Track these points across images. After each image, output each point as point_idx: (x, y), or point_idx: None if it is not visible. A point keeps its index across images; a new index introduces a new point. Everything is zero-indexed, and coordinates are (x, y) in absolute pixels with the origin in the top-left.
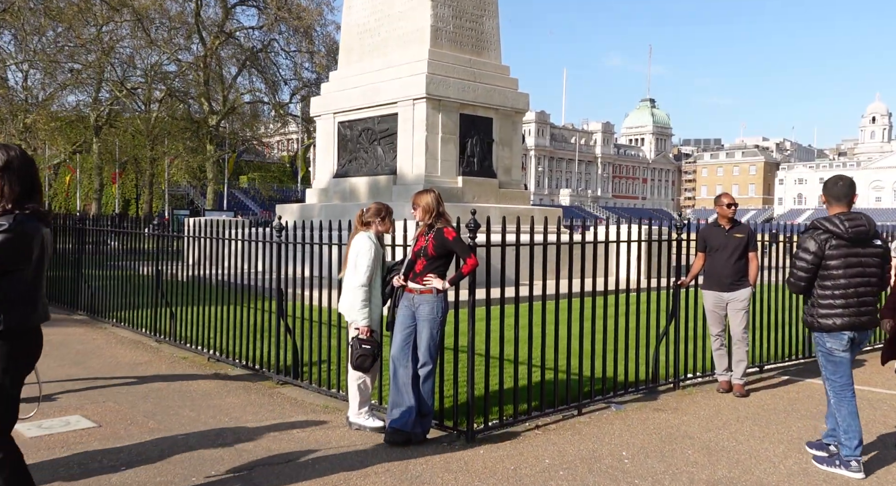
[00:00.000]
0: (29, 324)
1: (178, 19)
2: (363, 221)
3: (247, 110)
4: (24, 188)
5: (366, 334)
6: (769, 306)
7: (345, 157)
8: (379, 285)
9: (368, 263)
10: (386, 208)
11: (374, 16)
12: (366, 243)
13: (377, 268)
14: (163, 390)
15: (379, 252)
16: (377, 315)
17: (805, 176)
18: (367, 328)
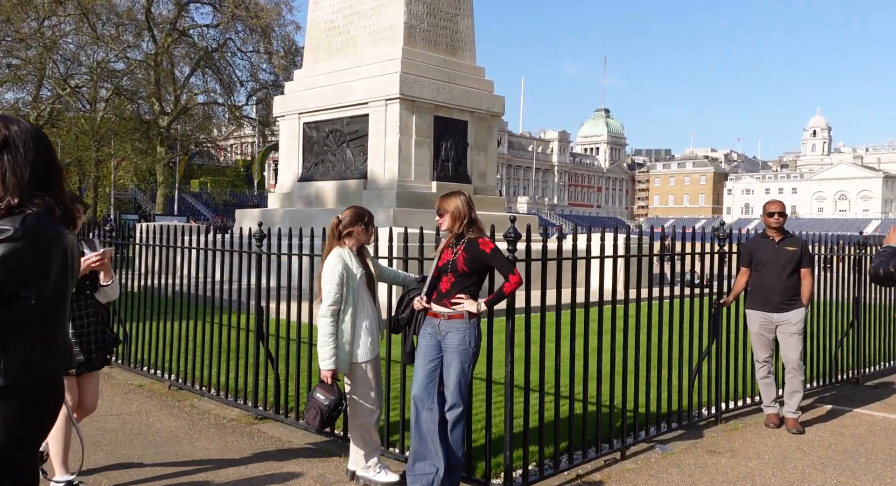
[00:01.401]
0: (41, 374)
1: (126, 16)
2: (339, 232)
3: (198, 112)
4: (35, 175)
5: (327, 380)
6: None
7: (310, 159)
8: (350, 317)
9: (331, 287)
10: (367, 213)
11: (341, 13)
12: (333, 263)
13: (350, 293)
14: (118, 432)
15: (352, 272)
16: (346, 356)
17: (752, 187)
18: (329, 372)
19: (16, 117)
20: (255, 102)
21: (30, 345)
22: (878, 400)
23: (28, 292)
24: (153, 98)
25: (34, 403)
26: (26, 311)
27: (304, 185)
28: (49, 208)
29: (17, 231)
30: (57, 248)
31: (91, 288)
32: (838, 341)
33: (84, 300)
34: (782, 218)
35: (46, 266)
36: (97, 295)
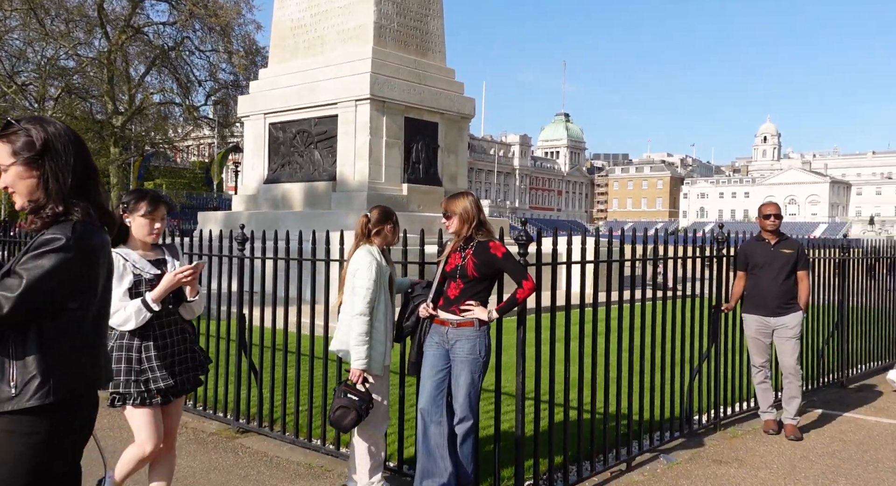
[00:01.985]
0: (85, 389)
1: (77, 11)
2: (368, 230)
3: (153, 112)
4: (76, 179)
5: (357, 380)
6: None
7: (277, 161)
8: (384, 316)
9: (369, 284)
10: (394, 213)
11: (309, 11)
12: (367, 260)
13: (381, 292)
14: (90, 450)
15: (383, 271)
16: (379, 356)
17: (706, 191)
18: (361, 372)
19: (49, 117)
20: (213, 103)
21: (77, 359)
22: (866, 404)
23: (76, 304)
24: (106, 97)
25: (77, 417)
26: (74, 323)
27: (270, 187)
28: (91, 215)
29: (68, 240)
30: (103, 257)
31: (174, 303)
32: (822, 344)
33: (167, 317)
34: (779, 220)
35: (94, 277)
36: (181, 310)
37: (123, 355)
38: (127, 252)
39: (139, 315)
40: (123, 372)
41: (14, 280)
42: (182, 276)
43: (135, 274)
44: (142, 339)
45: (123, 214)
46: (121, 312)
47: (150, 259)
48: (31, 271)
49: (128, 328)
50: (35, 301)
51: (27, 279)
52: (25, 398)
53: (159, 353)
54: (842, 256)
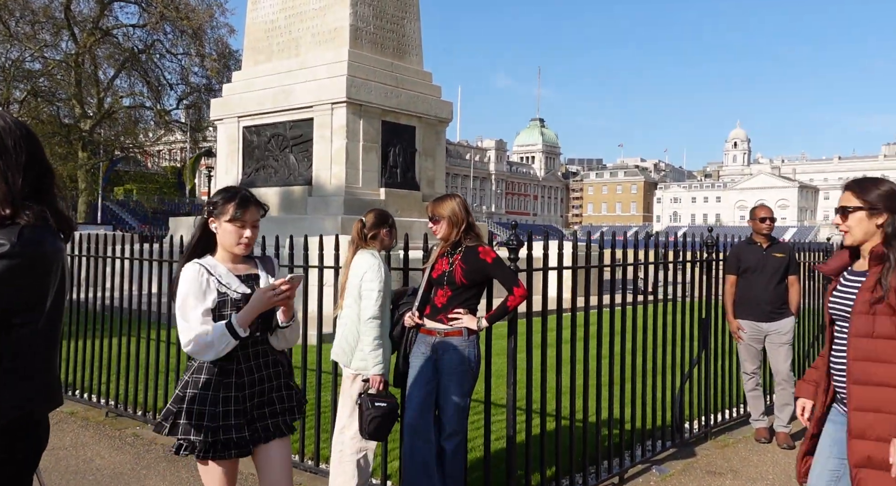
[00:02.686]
0: (36, 410)
1: (43, 13)
2: (365, 234)
3: (122, 116)
4: (28, 180)
5: (379, 387)
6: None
7: (251, 165)
8: (388, 320)
9: (379, 287)
10: (391, 216)
11: (283, 13)
12: (373, 263)
13: (388, 296)
14: (51, 472)
15: (389, 274)
16: (388, 361)
17: (679, 195)
18: (381, 378)
19: (2, 111)
20: (185, 107)
21: (23, 382)
22: None
23: (21, 319)
24: (74, 100)
25: (22, 446)
26: (19, 341)
27: None
28: (45, 219)
29: (13, 246)
30: (56, 266)
31: (263, 328)
32: (808, 348)
33: (255, 346)
34: (773, 223)
35: (44, 288)
36: (272, 339)
37: (198, 394)
38: (213, 264)
39: (222, 343)
40: (195, 415)
41: None
42: (274, 295)
43: (219, 292)
44: (223, 373)
45: (209, 218)
46: (200, 338)
47: (238, 274)
48: None
49: (207, 358)
50: None
51: None
52: None
53: (243, 392)
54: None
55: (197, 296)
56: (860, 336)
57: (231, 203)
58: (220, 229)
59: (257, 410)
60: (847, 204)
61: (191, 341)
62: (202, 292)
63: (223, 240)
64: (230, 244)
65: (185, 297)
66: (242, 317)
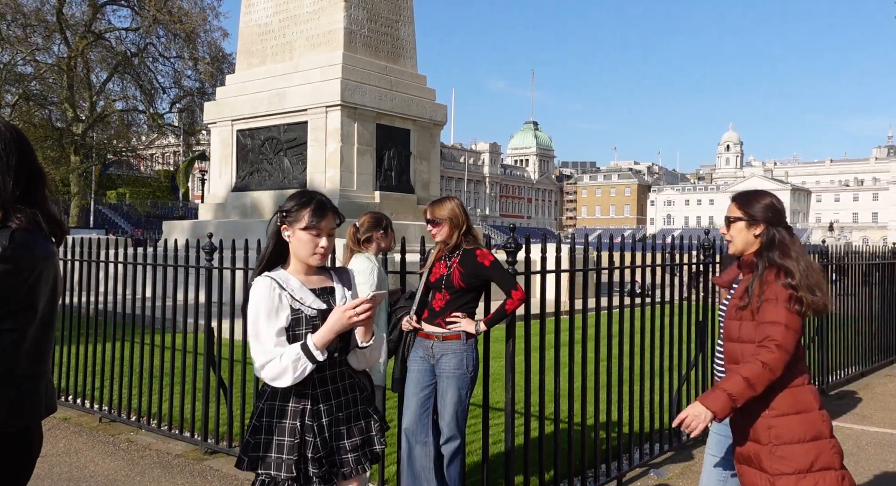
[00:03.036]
0: (26, 420)
1: (35, 16)
2: (358, 238)
3: (115, 119)
4: (19, 183)
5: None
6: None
7: (245, 168)
8: (383, 324)
9: (369, 291)
10: (385, 218)
11: (277, 16)
12: (366, 266)
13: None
14: (44, 479)
15: (384, 278)
16: (381, 366)
17: (673, 198)
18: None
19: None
20: (178, 110)
21: (13, 389)
22: (849, 411)
23: (11, 324)
24: (66, 104)
25: (17, 453)
26: (9, 347)
27: (239, 195)
28: (37, 223)
29: (4, 250)
30: (47, 270)
31: (341, 349)
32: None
33: (333, 368)
34: None
35: (35, 292)
36: (351, 359)
37: (275, 423)
38: (285, 278)
39: (298, 367)
40: (274, 447)
41: None
42: (354, 314)
43: (293, 309)
44: (299, 399)
45: (282, 225)
46: (275, 362)
47: (313, 288)
48: None
49: (283, 385)
50: None
51: None
52: None
53: (321, 421)
54: (822, 262)
55: (269, 314)
56: (730, 340)
57: (306, 209)
58: (294, 238)
59: (336, 441)
60: (730, 215)
61: (264, 365)
62: (274, 309)
63: (297, 250)
64: (305, 255)
65: (256, 315)
66: (319, 338)
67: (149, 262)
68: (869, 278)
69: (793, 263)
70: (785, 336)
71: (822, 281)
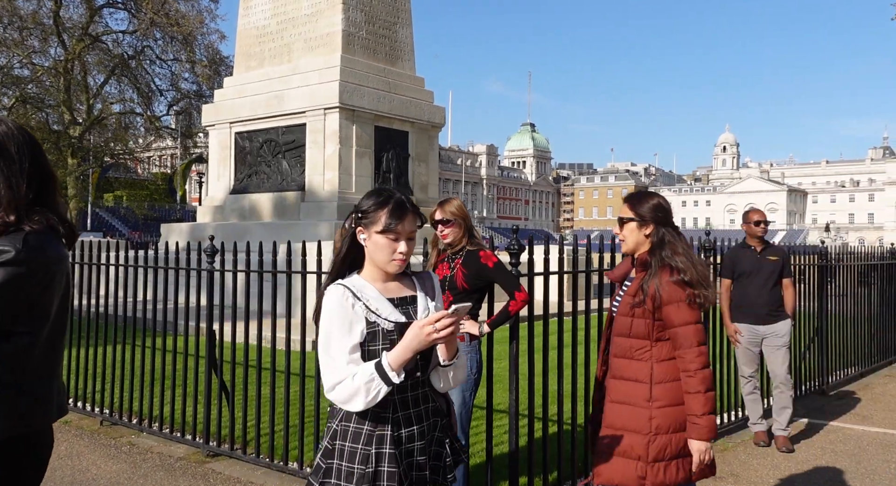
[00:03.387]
0: (35, 425)
1: (31, 19)
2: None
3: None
4: (31, 186)
5: None
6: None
7: (243, 171)
8: None
9: None
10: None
11: (275, 18)
12: None
13: None
14: (46, 482)
15: None
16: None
17: (669, 199)
18: None
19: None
20: (175, 113)
21: (25, 393)
22: (849, 411)
23: (24, 327)
24: (63, 107)
25: (26, 459)
26: (22, 350)
27: (237, 197)
28: (50, 225)
29: (19, 253)
30: (60, 273)
31: (422, 367)
32: (802, 353)
33: (414, 390)
34: (767, 226)
35: (48, 296)
36: (433, 378)
37: (347, 449)
38: (360, 286)
39: (372, 389)
40: (344, 475)
41: None
42: (433, 330)
43: (368, 321)
44: (376, 423)
45: (357, 227)
46: (346, 382)
47: (391, 297)
48: None
49: (355, 408)
50: None
51: None
52: None
53: (399, 448)
54: (822, 262)
55: (342, 327)
56: (620, 335)
57: (384, 210)
58: (370, 242)
59: (415, 471)
60: (622, 215)
61: (334, 386)
62: (348, 322)
63: (374, 254)
64: (382, 260)
65: (328, 328)
66: (396, 357)
67: (150, 264)
68: (867, 279)
69: (683, 260)
70: (699, 333)
71: (708, 276)
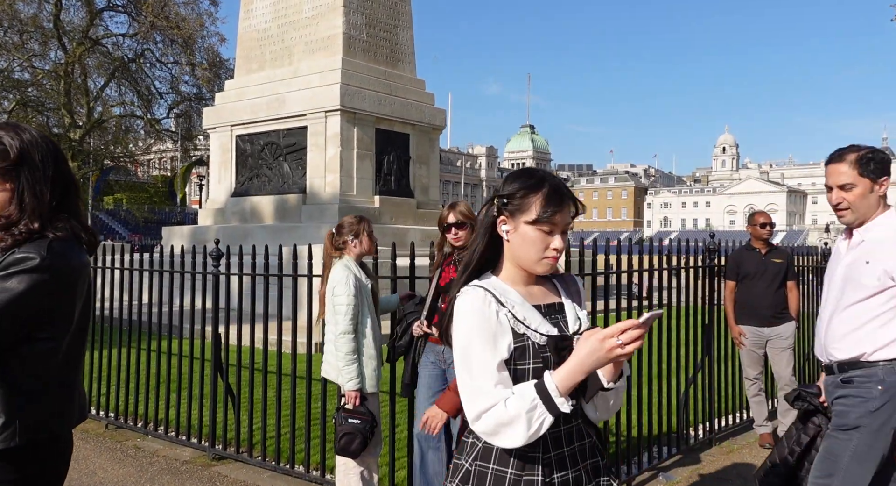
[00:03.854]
0: (56, 431)
1: (32, 23)
2: (337, 244)
3: (112, 125)
4: (55, 193)
5: (354, 403)
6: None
7: (244, 173)
8: (370, 330)
9: (349, 300)
10: (366, 221)
11: (276, 22)
12: (342, 276)
13: (364, 307)
14: None
15: (364, 284)
16: (371, 374)
17: (669, 201)
18: (356, 393)
19: (23, 124)
20: (175, 116)
21: (48, 397)
22: None
23: (47, 333)
24: (63, 110)
25: (48, 462)
26: (45, 356)
27: (238, 200)
28: (73, 232)
29: (43, 260)
30: (82, 280)
31: (578, 393)
32: (806, 354)
33: (574, 422)
34: (772, 229)
35: (71, 302)
36: (587, 408)
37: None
38: (502, 289)
39: (533, 420)
40: None
41: None
42: (617, 345)
43: (516, 333)
44: (522, 465)
45: (499, 217)
46: (497, 410)
47: (537, 304)
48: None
49: (506, 444)
50: (3, 329)
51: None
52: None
53: (566, 475)
54: (823, 264)
55: (484, 340)
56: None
57: (537, 195)
58: (516, 234)
59: None
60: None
61: (481, 414)
62: (492, 334)
63: (518, 250)
64: (530, 258)
65: (467, 340)
66: (565, 378)
67: (155, 268)
68: None
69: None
70: None
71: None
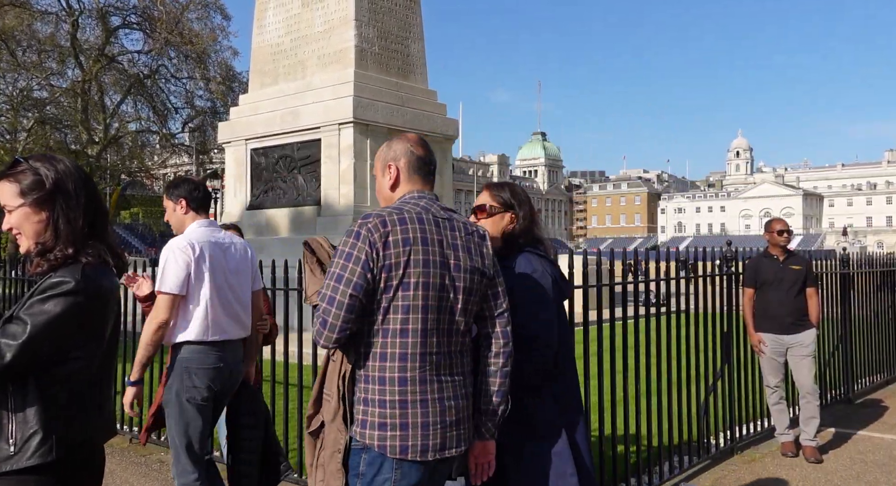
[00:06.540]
0: (91, 445)
1: (49, 42)
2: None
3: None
4: (86, 220)
5: None
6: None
7: (259, 187)
8: None
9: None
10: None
11: (289, 36)
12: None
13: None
14: None
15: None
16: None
17: (683, 206)
18: None
19: (56, 155)
20: (190, 130)
21: (81, 412)
22: (877, 420)
23: (81, 352)
24: (81, 127)
25: (83, 475)
26: (78, 373)
27: (253, 213)
28: (103, 257)
29: (77, 283)
30: (112, 301)
31: None
32: (826, 360)
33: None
34: (790, 236)
35: (103, 323)
36: None
37: None
38: None
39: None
40: None
41: (17, 327)
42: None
43: None
44: None
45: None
46: None
47: None
48: (36, 317)
49: None
50: (40, 349)
51: (32, 325)
52: (25, 457)
53: None
54: (843, 270)
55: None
56: None
57: None
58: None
59: None
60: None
61: None
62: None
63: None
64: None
65: None
66: None
67: None
68: (893, 285)
69: None
70: None
71: None
